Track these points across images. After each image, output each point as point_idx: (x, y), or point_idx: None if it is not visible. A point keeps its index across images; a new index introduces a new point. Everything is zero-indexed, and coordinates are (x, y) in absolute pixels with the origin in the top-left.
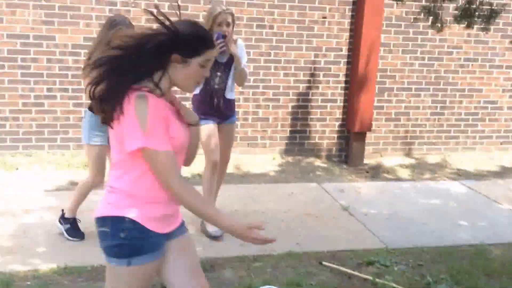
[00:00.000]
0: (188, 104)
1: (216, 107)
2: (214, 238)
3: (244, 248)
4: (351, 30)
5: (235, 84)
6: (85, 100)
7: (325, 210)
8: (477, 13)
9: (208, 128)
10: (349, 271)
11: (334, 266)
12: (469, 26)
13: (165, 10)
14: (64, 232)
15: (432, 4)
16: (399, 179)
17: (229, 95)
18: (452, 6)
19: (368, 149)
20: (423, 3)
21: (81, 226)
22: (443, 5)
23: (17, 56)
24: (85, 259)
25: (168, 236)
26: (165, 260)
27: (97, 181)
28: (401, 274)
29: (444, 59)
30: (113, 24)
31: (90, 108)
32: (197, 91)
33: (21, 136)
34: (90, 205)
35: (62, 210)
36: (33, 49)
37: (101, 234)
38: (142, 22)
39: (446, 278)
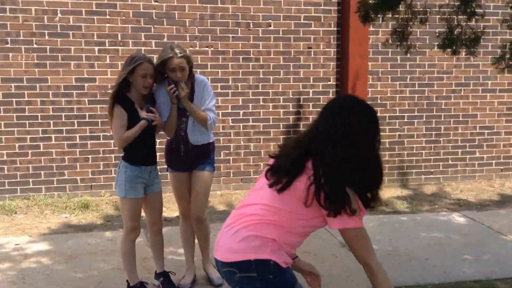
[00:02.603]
0: None
1: (184, 154)
2: (216, 286)
3: None
4: (337, 59)
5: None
6: (79, 141)
7: (323, 247)
8: (459, 40)
9: (175, 178)
10: None
11: None
12: (454, 53)
13: None
14: None
15: (401, 28)
16: (397, 212)
17: (194, 140)
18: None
19: None
20: (395, 26)
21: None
22: (418, 33)
23: (12, 100)
24: None
25: None
26: None
27: (134, 234)
28: None
29: (435, 85)
30: (133, 60)
31: (128, 160)
32: (168, 138)
33: (19, 180)
34: None
35: (127, 280)
36: (27, 92)
37: (246, 280)
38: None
39: None
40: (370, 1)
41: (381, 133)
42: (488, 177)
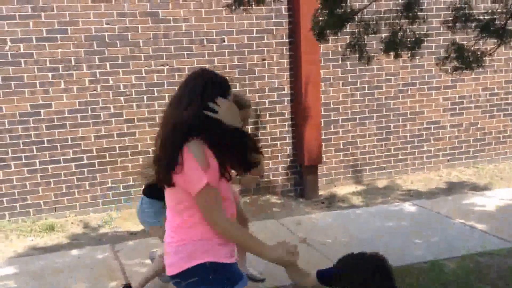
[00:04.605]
0: None
1: None
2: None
3: None
4: (290, 69)
5: None
6: (39, 166)
7: None
8: (402, 43)
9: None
10: None
11: None
12: (397, 56)
13: None
14: None
15: (356, 41)
16: (353, 206)
17: None
18: (379, 36)
19: (322, 180)
20: (348, 40)
21: None
22: (367, 40)
23: None
24: None
25: None
26: None
27: None
28: None
29: (384, 86)
30: None
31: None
32: None
33: None
34: None
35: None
36: None
37: (192, 284)
38: (86, 84)
39: None
40: (321, 18)
41: (331, 136)
42: (436, 168)
